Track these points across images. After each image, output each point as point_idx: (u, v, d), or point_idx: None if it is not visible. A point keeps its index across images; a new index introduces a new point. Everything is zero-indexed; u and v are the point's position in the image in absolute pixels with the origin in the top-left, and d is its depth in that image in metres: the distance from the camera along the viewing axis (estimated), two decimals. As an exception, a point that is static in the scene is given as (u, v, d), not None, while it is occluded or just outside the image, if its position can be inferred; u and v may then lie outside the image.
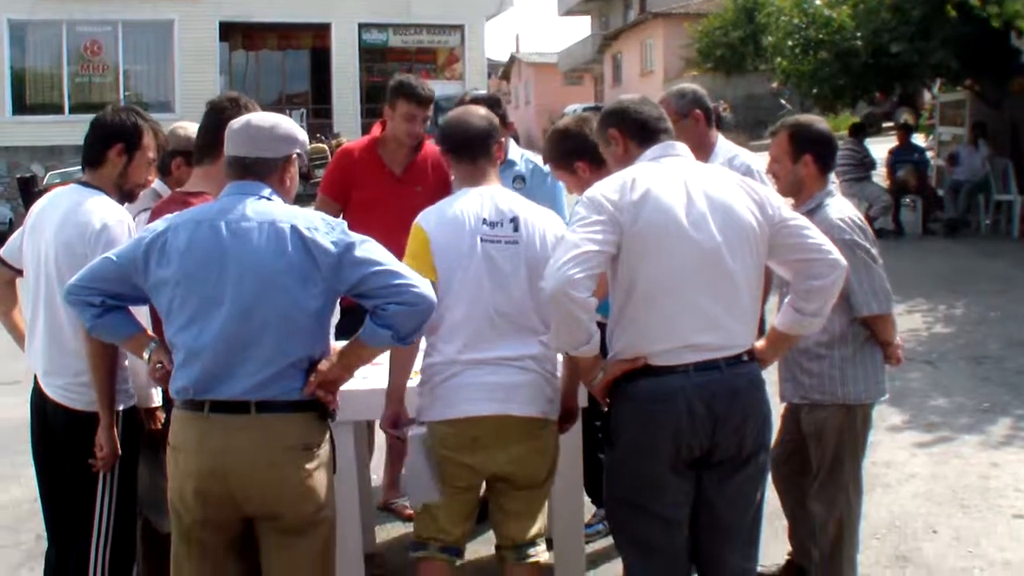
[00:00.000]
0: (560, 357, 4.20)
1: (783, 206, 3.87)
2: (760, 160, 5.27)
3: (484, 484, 4.20)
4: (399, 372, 4.11)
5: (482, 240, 4.06)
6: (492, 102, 5.98)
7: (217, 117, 4.11)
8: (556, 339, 3.78)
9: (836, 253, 3.82)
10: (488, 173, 4.28)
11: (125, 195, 4.51)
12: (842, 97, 18.24)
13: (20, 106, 29.58)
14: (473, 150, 4.27)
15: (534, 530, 4.19)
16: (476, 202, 4.14)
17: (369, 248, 3.55)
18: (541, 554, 4.19)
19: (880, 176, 17.30)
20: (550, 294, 3.57)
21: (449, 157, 4.39)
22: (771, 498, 4.73)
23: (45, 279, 4.29)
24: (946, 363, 9.33)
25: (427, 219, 4.15)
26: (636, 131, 4.00)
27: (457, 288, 3.96)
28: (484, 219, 4.09)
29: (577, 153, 4.75)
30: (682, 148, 3.98)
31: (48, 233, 4.29)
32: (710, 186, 3.78)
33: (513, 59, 61.12)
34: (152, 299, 3.64)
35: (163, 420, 4.42)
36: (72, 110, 28.64)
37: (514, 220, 4.12)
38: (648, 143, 3.96)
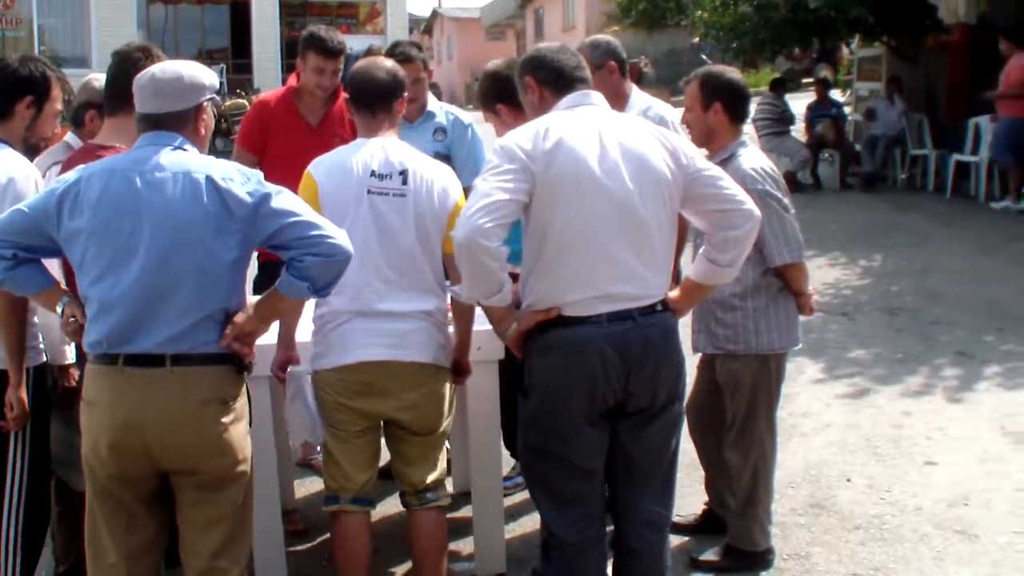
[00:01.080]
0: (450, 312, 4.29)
1: (697, 156, 3.88)
2: (676, 113, 5.29)
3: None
4: (290, 316, 4.18)
5: (369, 192, 4.10)
6: (416, 46, 5.98)
7: (127, 68, 4.03)
8: (468, 288, 3.78)
9: (751, 203, 3.85)
10: (384, 126, 4.30)
11: (31, 148, 4.43)
12: (762, 51, 18.32)
13: (-72, 60, 28.93)
14: (373, 102, 4.30)
15: (434, 475, 4.29)
16: (367, 153, 4.18)
17: (285, 199, 3.53)
18: (443, 499, 4.31)
19: (799, 131, 17.44)
20: (460, 242, 3.57)
21: (350, 107, 4.42)
22: (688, 449, 4.79)
23: (-49, 234, 4.19)
24: (862, 315, 9.47)
25: (317, 167, 4.20)
26: (552, 79, 3.98)
27: None
28: (373, 171, 4.13)
29: (500, 95, 4.74)
30: (597, 97, 3.97)
31: (-47, 187, 4.18)
32: (624, 135, 3.78)
33: (435, 14, 60.62)
34: (65, 251, 3.58)
35: (76, 378, 4.37)
36: (-16, 65, 27.99)
37: (403, 172, 4.16)
38: (564, 92, 3.95)
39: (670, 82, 28.18)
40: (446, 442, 4.39)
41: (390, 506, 5.41)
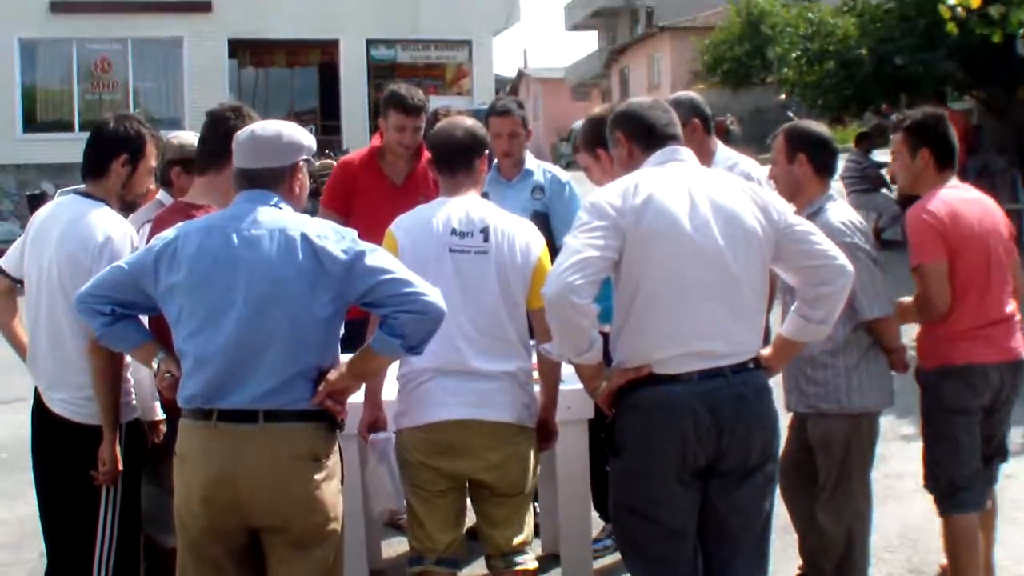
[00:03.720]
0: (536, 372, 4.25)
1: (788, 211, 3.85)
2: (763, 170, 5.25)
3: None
4: (375, 377, 4.13)
5: (451, 250, 4.10)
6: (516, 102, 6.03)
7: (219, 127, 4.11)
8: (558, 346, 3.77)
9: (843, 259, 3.81)
10: (465, 185, 4.30)
11: (127, 205, 4.51)
12: (848, 108, 18.21)
13: (31, 124, 29.59)
14: (451, 162, 4.32)
15: (520, 537, 4.22)
16: (448, 211, 4.18)
17: (379, 257, 3.56)
18: (529, 562, 4.22)
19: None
20: (551, 299, 3.57)
21: (431, 167, 4.44)
22: (781, 512, 4.70)
23: (47, 291, 4.28)
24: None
25: (399, 225, 4.22)
26: (642, 135, 3.98)
27: None
28: (454, 229, 4.13)
29: (601, 140, 4.72)
30: (687, 153, 3.96)
31: (51, 245, 4.27)
32: (714, 190, 3.77)
33: (521, 74, 61.12)
34: (162, 307, 3.64)
35: (164, 434, 4.41)
36: (82, 127, 28.49)
37: (484, 230, 4.14)
38: (653, 148, 3.94)
39: (756, 140, 28.08)
40: (534, 503, 4.34)
41: (477, 568, 5.37)
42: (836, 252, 3.81)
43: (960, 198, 4.88)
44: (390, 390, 4.31)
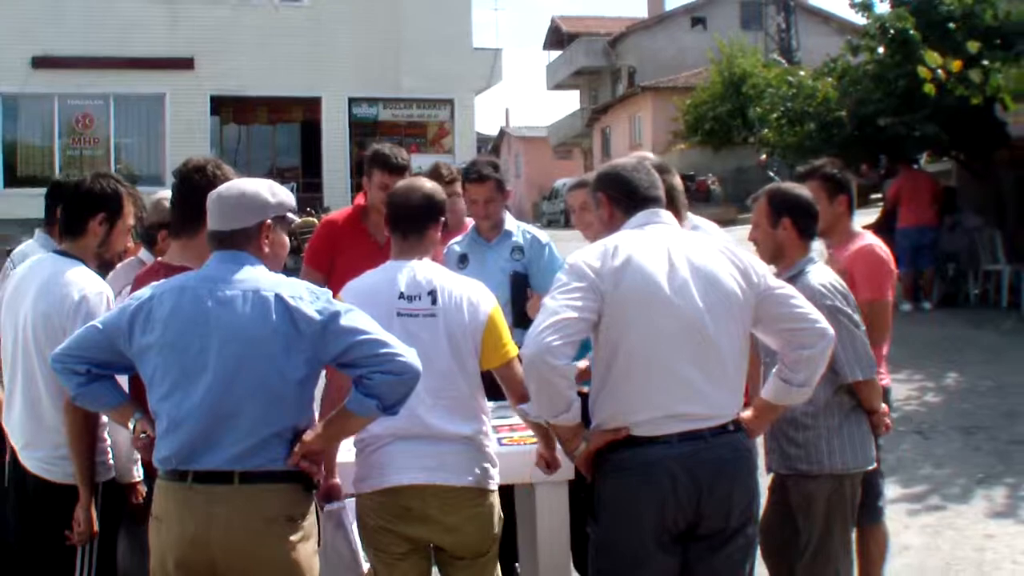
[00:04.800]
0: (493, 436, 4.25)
1: (768, 274, 3.86)
2: (723, 232, 5.22)
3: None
4: (349, 437, 4.06)
5: (399, 314, 4.06)
6: (492, 165, 6.01)
7: (186, 188, 4.07)
8: (536, 407, 3.76)
9: (824, 322, 3.81)
10: (418, 250, 4.26)
11: (104, 264, 4.49)
12: (828, 169, 18.32)
13: (11, 178, 29.59)
14: (404, 226, 4.27)
15: None
16: (393, 276, 4.15)
17: (354, 317, 3.54)
18: None
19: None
20: (528, 360, 3.56)
21: (387, 226, 4.37)
22: (761, 574, 4.67)
23: (23, 350, 4.26)
24: (937, 433, 9.27)
25: (348, 289, 4.17)
26: (623, 197, 3.99)
27: None
28: (401, 292, 4.10)
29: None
30: (667, 216, 3.97)
31: (26, 304, 4.25)
32: (693, 253, 3.77)
33: (503, 133, 61.58)
34: (137, 367, 3.62)
35: (143, 495, 4.36)
36: (64, 183, 28.62)
37: (432, 292, 4.11)
38: (634, 210, 3.95)
39: (737, 199, 28.23)
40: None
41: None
42: (817, 315, 3.81)
43: None
44: (346, 452, 4.26)
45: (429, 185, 4.43)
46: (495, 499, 4.19)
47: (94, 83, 29.57)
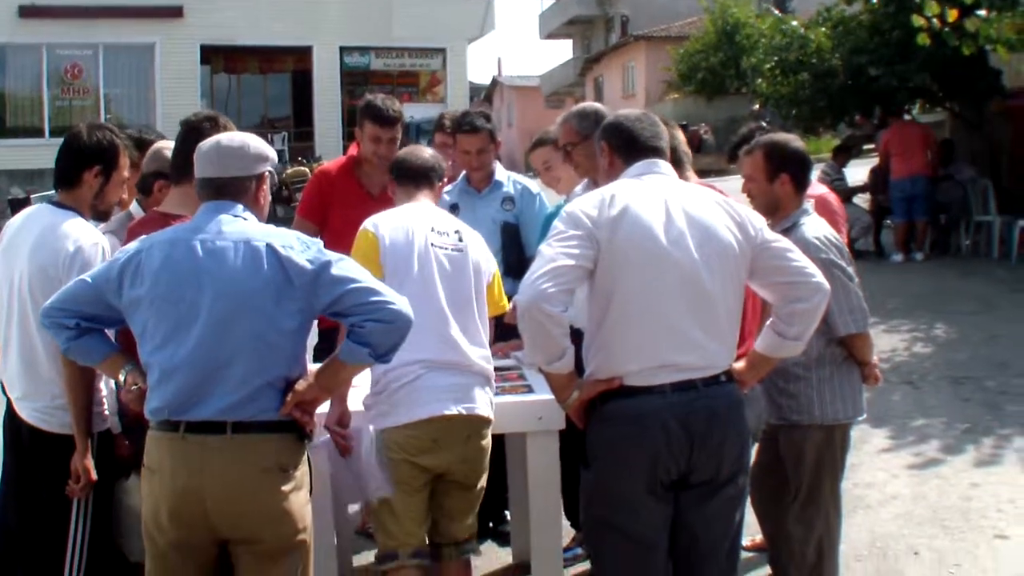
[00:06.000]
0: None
1: (765, 227, 3.85)
2: (723, 184, 5.23)
3: None
4: (343, 386, 4.19)
5: (433, 245, 4.29)
6: (484, 116, 6.02)
7: (195, 137, 4.05)
8: (530, 354, 3.80)
9: (820, 276, 3.81)
10: (429, 200, 4.59)
11: (99, 215, 4.47)
12: (822, 119, 18.25)
13: (0, 130, 29.51)
14: (417, 178, 4.59)
15: (472, 529, 4.43)
16: (422, 211, 4.42)
17: (346, 266, 3.54)
18: (475, 551, 4.49)
19: (863, 198, 17.23)
20: (522, 307, 3.58)
21: (393, 183, 4.67)
22: (751, 522, 4.71)
23: (19, 302, 4.25)
24: (927, 383, 9.31)
25: (375, 223, 4.35)
26: (624, 146, 4.00)
27: (410, 290, 3.93)
28: (433, 227, 4.35)
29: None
30: (665, 167, 3.97)
31: (22, 256, 4.24)
32: (691, 205, 3.77)
33: (495, 82, 61.16)
34: (127, 319, 3.61)
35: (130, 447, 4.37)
36: (52, 133, 28.38)
37: (458, 231, 4.42)
38: (634, 160, 3.96)
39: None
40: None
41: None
42: (813, 269, 3.81)
43: None
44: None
45: (431, 151, 4.81)
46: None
47: (83, 33, 29.37)
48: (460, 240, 4.40)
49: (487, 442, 4.34)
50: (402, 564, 4.25)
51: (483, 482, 4.40)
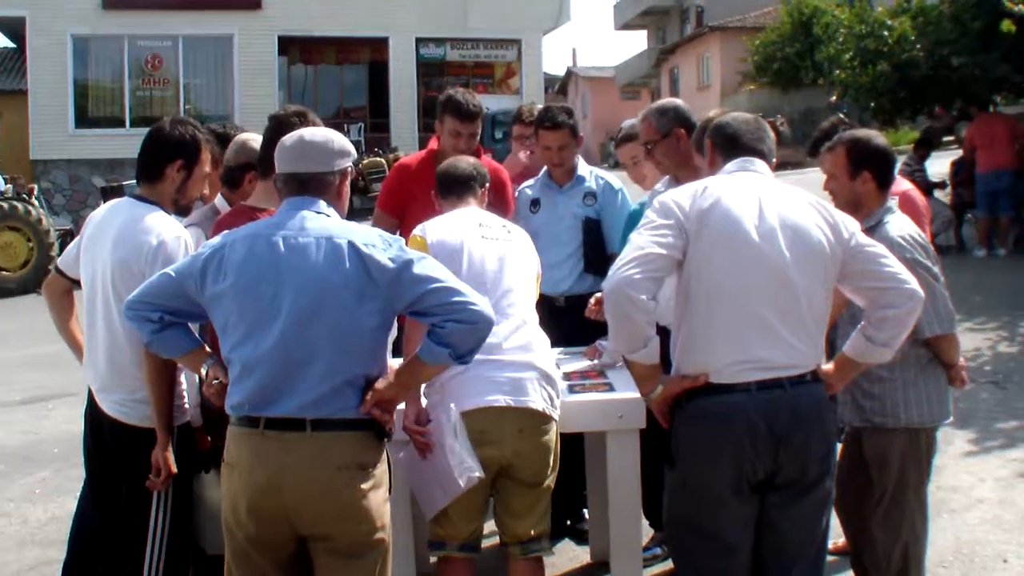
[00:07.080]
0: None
1: (858, 231, 3.79)
2: (800, 176, 5.14)
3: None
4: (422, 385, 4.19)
5: (482, 237, 4.34)
6: (566, 111, 5.97)
7: (284, 132, 4.02)
8: (613, 341, 3.79)
9: (913, 283, 3.73)
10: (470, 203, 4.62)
11: (180, 209, 4.50)
12: (901, 111, 17.96)
13: (82, 119, 29.90)
14: (460, 188, 4.62)
15: (540, 528, 4.32)
16: (468, 213, 4.48)
17: (427, 265, 3.52)
18: (545, 550, 4.35)
19: (943, 192, 16.94)
20: (608, 292, 3.58)
21: (438, 198, 4.69)
22: (834, 525, 4.62)
23: (102, 295, 4.29)
24: (1013, 383, 9.11)
25: (423, 228, 4.40)
26: (725, 144, 4.01)
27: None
28: (480, 223, 4.40)
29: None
30: (761, 166, 3.95)
31: (105, 249, 4.28)
32: (783, 203, 3.74)
33: (570, 73, 61.05)
34: (209, 314, 3.63)
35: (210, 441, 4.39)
36: (133, 124, 28.85)
37: (505, 226, 4.48)
38: (733, 157, 3.95)
39: (806, 141, 27.90)
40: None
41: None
42: (907, 276, 3.74)
43: None
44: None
45: (472, 159, 4.91)
46: (556, 429, 4.31)
47: (163, 24, 29.69)
48: (508, 233, 4.45)
49: (548, 439, 4.24)
50: (448, 554, 4.26)
51: (549, 481, 4.30)
